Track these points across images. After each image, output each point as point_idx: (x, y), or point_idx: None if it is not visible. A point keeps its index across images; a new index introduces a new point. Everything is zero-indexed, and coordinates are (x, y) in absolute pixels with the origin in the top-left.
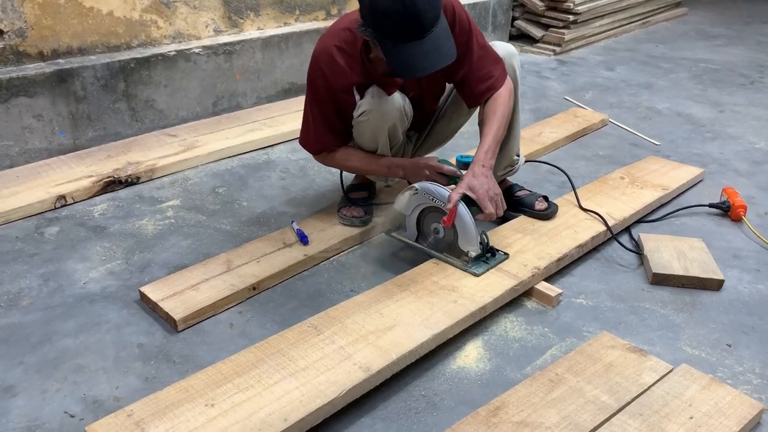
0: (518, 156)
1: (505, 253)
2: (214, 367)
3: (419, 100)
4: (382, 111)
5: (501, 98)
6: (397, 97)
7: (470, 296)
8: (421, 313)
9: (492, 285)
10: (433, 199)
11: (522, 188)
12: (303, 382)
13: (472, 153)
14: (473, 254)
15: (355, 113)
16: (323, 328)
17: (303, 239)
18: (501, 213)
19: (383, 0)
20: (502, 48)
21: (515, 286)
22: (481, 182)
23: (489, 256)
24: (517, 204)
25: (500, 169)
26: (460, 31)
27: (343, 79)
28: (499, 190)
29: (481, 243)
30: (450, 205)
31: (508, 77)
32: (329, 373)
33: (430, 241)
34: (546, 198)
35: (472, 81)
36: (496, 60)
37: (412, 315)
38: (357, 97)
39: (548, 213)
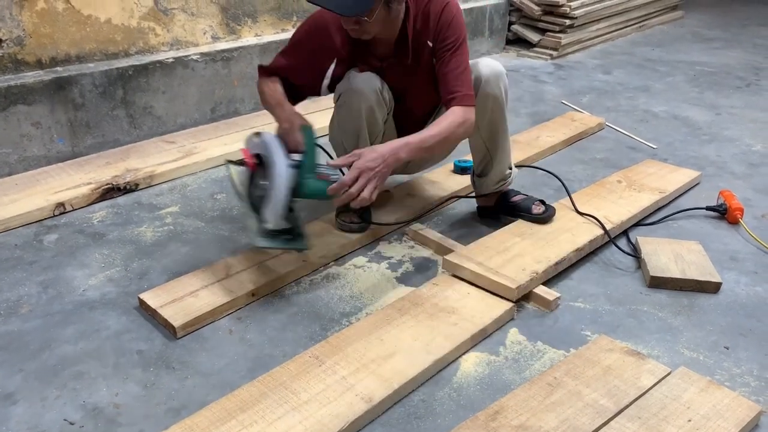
0: (511, 169)
1: (305, 248)
2: (218, 403)
3: (402, 95)
4: (359, 89)
5: (453, 117)
6: (374, 79)
7: (470, 318)
8: (422, 337)
9: (492, 305)
10: (262, 153)
11: (518, 193)
12: (306, 416)
13: (468, 157)
14: (269, 227)
15: (334, 98)
16: (325, 358)
17: (262, 241)
18: (363, 200)
19: None
20: (489, 67)
21: (513, 307)
22: (369, 157)
23: (289, 237)
24: (513, 209)
25: (493, 184)
26: (451, 33)
27: (330, 43)
28: (381, 178)
29: (288, 222)
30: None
31: (469, 110)
32: (331, 406)
33: (251, 191)
34: (543, 202)
35: (442, 85)
36: (470, 89)
37: (412, 340)
38: (330, 71)
39: (545, 217)
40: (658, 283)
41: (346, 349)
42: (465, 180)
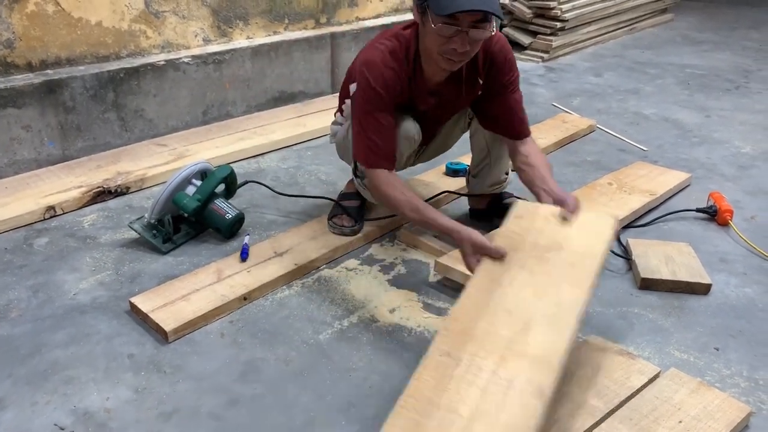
0: (507, 174)
1: (161, 249)
2: None
3: (436, 115)
4: (400, 142)
5: (537, 146)
6: (411, 127)
7: (581, 251)
8: (544, 290)
9: (595, 232)
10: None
11: (512, 195)
12: None
13: (461, 159)
14: (145, 220)
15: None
16: (458, 353)
17: (243, 254)
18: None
19: None
20: None
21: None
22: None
23: (157, 236)
24: (505, 211)
25: (486, 187)
26: (514, 70)
27: (396, 86)
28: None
29: (159, 222)
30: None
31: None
32: (504, 415)
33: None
34: None
35: (509, 118)
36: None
37: (536, 299)
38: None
39: None
40: (648, 285)
41: (473, 332)
42: (457, 182)
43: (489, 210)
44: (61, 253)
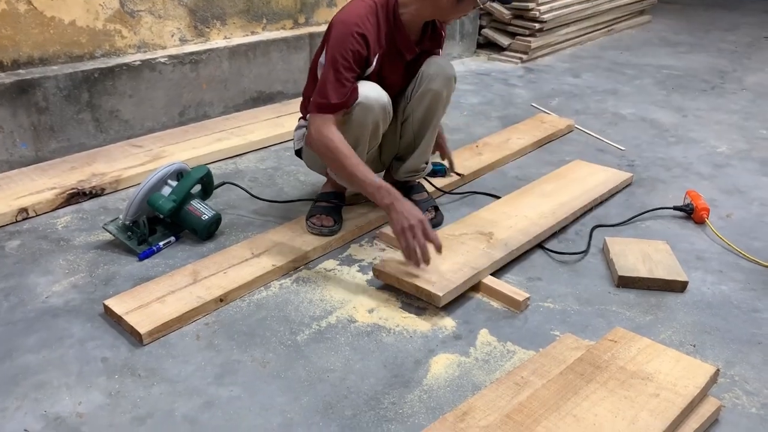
0: (426, 164)
1: (135, 250)
2: None
3: (414, 69)
4: (369, 104)
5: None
6: (383, 94)
7: (671, 386)
8: (622, 413)
9: (691, 370)
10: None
11: (423, 191)
12: None
13: (438, 159)
14: (120, 222)
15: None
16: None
17: (143, 254)
18: (419, 258)
19: None
20: (439, 66)
21: (714, 374)
22: (398, 219)
23: (131, 238)
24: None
25: (405, 172)
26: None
27: (372, 37)
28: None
29: (134, 223)
30: None
31: None
32: None
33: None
34: (436, 208)
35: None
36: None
37: (612, 417)
38: (372, 68)
39: (433, 223)
40: (626, 283)
41: (534, 428)
42: (436, 182)
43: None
44: (33, 256)
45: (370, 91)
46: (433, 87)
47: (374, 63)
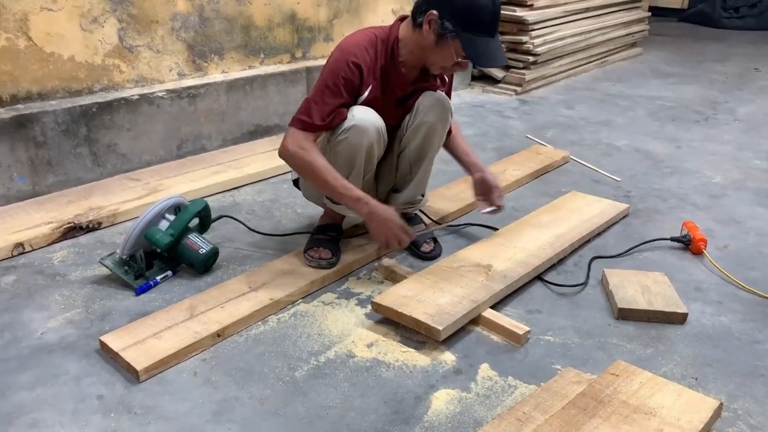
0: (422, 197)
1: (132, 285)
2: None
3: (405, 108)
4: (363, 127)
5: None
6: (377, 118)
7: (675, 421)
8: None
9: (694, 404)
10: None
11: (420, 222)
12: None
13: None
14: (117, 256)
15: (333, 136)
16: None
17: (141, 288)
18: (395, 246)
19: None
20: (436, 99)
21: (717, 408)
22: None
23: (129, 273)
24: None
25: (401, 204)
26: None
27: (367, 68)
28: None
29: (131, 258)
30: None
31: None
32: None
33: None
34: (435, 240)
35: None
36: None
37: None
38: (363, 98)
39: (431, 255)
40: (625, 315)
41: None
42: (432, 214)
43: None
44: (28, 291)
45: (364, 114)
46: (428, 120)
47: (366, 93)
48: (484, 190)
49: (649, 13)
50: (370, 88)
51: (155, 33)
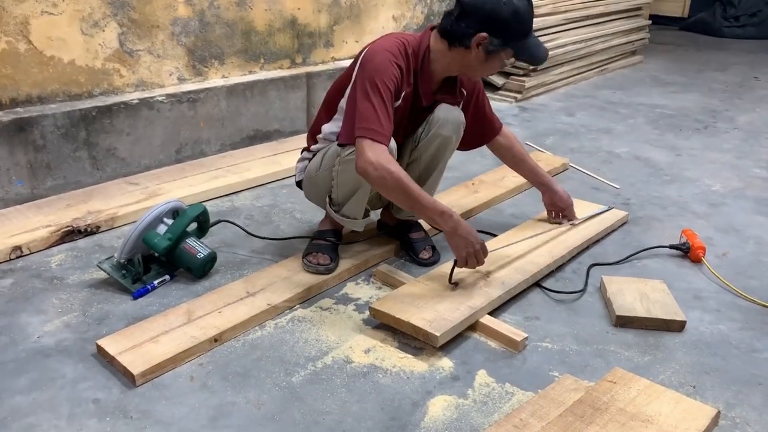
0: None
1: (130, 289)
2: None
3: (424, 112)
4: None
5: (513, 136)
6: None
7: (672, 430)
8: None
9: (691, 412)
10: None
11: (420, 229)
12: None
13: None
14: (114, 260)
15: (345, 151)
16: None
17: (138, 293)
18: (474, 265)
19: (520, 5)
20: (449, 112)
21: (715, 416)
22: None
23: (127, 276)
24: (407, 246)
25: (406, 212)
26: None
27: (405, 72)
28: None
29: (129, 262)
30: None
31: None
32: None
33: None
34: (434, 247)
35: (490, 119)
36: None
37: None
38: (400, 100)
39: (429, 262)
40: (624, 323)
41: None
42: None
43: (395, 233)
44: (25, 295)
45: None
46: (443, 132)
47: (401, 99)
48: (557, 209)
49: (650, 22)
50: (404, 94)
51: (156, 37)
